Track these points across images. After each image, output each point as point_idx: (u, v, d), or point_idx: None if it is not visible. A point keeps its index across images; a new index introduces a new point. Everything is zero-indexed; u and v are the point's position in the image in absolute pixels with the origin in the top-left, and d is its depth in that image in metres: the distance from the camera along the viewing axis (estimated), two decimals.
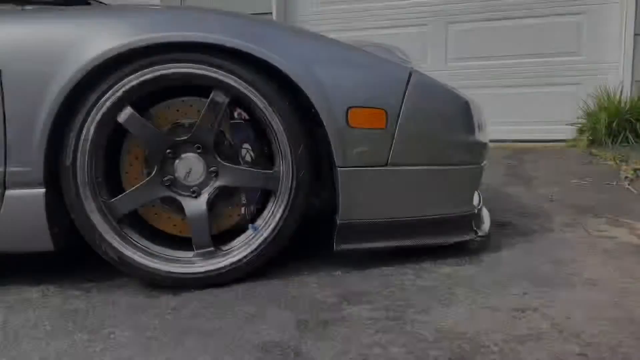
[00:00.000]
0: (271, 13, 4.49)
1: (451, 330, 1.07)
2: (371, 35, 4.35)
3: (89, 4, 1.56)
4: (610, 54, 3.98)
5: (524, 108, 4.16)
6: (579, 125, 3.96)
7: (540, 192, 2.46)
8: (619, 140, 3.70)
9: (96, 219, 1.31)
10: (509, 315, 1.14)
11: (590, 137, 3.81)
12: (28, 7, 1.40)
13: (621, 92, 3.85)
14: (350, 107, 1.34)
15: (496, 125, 2.72)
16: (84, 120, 1.28)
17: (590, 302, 1.20)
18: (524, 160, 3.42)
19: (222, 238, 1.42)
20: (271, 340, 1.06)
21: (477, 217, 1.56)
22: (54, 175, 1.32)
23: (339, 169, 1.35)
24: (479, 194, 1.68)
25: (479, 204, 1.60)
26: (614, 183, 2.56)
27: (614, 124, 3.70)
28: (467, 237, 1.51)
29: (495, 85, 4.22)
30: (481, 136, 1.56)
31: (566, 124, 4.04)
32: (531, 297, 1.23)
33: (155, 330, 1.13)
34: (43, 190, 1.29)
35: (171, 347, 1.05)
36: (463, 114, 1.49)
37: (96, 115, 1.28)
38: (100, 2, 1.78)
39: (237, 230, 1.44)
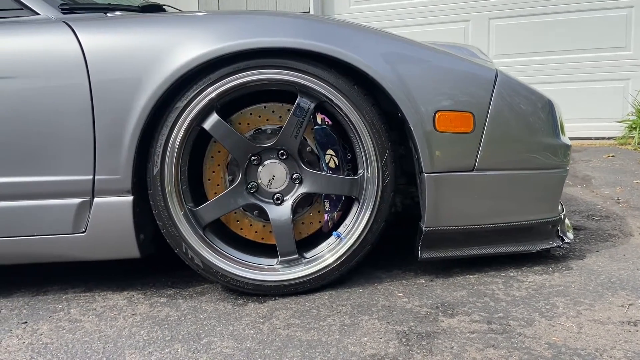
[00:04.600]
0: (308, 12, 4.46)
1: (566, 346, 1.03)
2: (410, 33, 4.29)
3: (164, 10, 1.55)
4: None
5: (570, 105, 4.04)
6: (629, 122, 3.83)
7: (603, 192, 2.38)
8: None
9: (183, 227, 1.31)
10: (621, 329, 1.09)
11: None
12: (110, 15, 1.40)
13: None
14: (437, 111, 1.30)
15: None
16: (172, 128, 1.27)
17: None
18: (575, 158, 3.32)
19: (303, 245, 1.40)
20: (377, 353, 1.03)
21: (562, 223, 1.51)
22: (141, 183, 1.31)
23: (425, 174, 1.31)
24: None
25: (562, 210, 1.55)
26: None
27: None
28: (553, 245, 1.46)
29: (540, 81, 4.10)
30: (564, 138, 1.50)
31: (615, 121, 3.91)
32: (638, 308, 1.17)
33: (254, 341, 1.11)
34: (131, 198, 1.29)
35: (276, 359, 1.03)
36: (547, 115, 1.44)
37: (183, 123, 1.27)
38: (176, 9, 1.77)
39: (318, 236, 1.41)
